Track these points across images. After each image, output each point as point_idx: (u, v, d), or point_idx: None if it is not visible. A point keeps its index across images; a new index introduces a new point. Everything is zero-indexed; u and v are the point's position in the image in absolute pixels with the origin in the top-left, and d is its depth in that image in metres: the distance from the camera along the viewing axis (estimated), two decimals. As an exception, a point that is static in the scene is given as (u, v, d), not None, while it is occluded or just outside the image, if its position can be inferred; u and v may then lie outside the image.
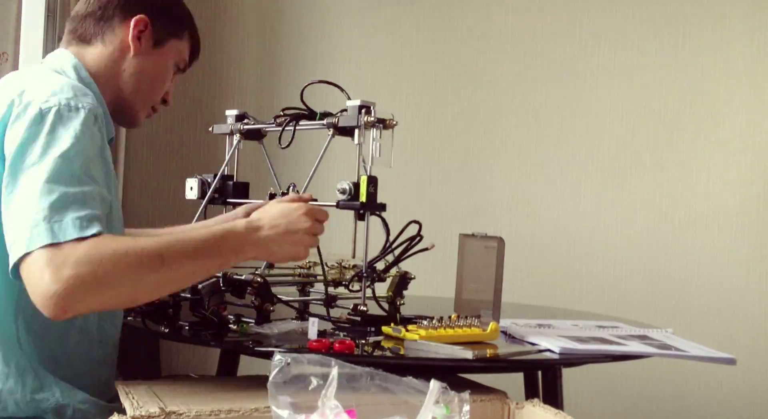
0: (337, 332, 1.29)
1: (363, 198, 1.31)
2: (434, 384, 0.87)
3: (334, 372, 0.88)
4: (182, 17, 1.40)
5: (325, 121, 1.38)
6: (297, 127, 1.44)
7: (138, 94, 1.35)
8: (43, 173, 1.05)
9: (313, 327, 1.21)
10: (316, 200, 1.32)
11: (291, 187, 1.42)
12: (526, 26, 2.66)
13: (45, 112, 1.11)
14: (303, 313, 1.49)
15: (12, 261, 1.03)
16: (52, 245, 1.00)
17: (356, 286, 1.41)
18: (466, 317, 1.26)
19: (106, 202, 1.11)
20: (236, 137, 1.54)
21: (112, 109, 1.33)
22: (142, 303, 1.22)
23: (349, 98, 1.39)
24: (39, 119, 1.10)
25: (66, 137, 1.09)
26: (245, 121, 1.55)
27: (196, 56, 1.46)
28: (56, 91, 1.15)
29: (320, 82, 1.43)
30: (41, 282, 0.99)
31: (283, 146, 1.41)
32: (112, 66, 1.32)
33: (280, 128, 1.48)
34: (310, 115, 1.42)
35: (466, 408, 0.88)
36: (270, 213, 1.21)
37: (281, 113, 1.46)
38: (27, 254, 1.01)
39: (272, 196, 1.45)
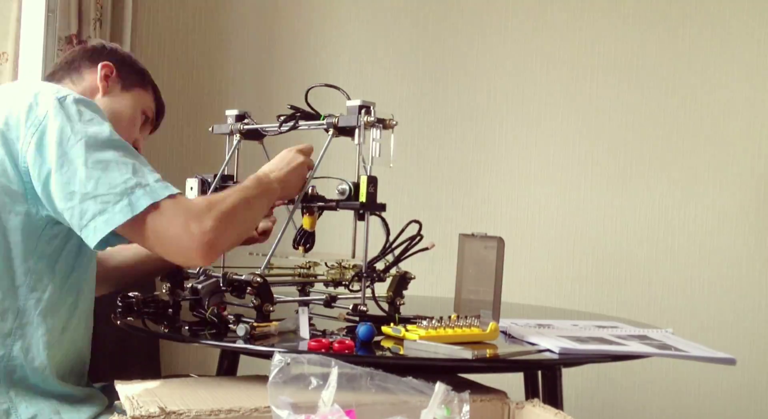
0: (336, 332, 1.29)
1: (363, 198, 1.31)
2: (439, 387, 0.87)
3: (334, 372, 0.88)
4: (144, 72, 1.48)
5: (325, 121, 1.38)
6: (297, 127, 1.44)
7: None
8: (106, 148, 1.14)
9: (303, 315, 1.21)
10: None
11: None
12: (526, 26, 2.66)
13: (62, 100, 1.18)
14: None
15: (118, 221, 1.10)
16: (172, 197, 1.14)
17: (356, 286, 1.41)
18: (466, 317, 1.25)
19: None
20: (236, 137, 1.54)
21: None
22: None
23: (348, 98, 1.39)
24: (61, 105, 1.17)
25: (98, 118, 1.18)
26: (245, 121, 1.55)
27: (161, 115, 1.54)
28: (62, 88, 1.22)
29: (325, 85, 1.43)
30: (190, 234, 1.12)
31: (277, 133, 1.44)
32: None
33: (280, 128, 1.48)
34: (314, 115, 1.42)
35: (466, 408, 0.88)
36: (269, 165, 1.38)
37: (288, 110, 1.46)
38: (153, 206, 1.12)
39: None
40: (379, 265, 1.39)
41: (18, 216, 1.17)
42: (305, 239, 1.44)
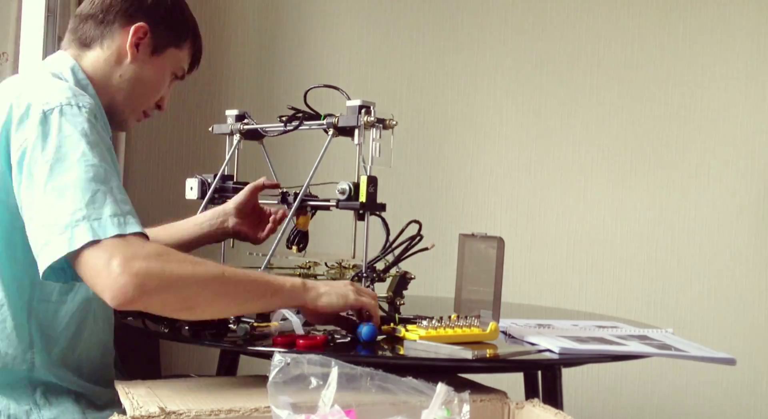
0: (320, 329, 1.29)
1: (363, 198, 1.31)
2: (441, 387, 0.87)
3: (334, 372, 0.88)
4: (184, 26, 1.40)
5: (325, 121, 1.38)
6: (297, 127, 1.44)
7: (130, 99, 1.35)
8: (69, 172, 1.07)
9: (293, 316, 1.20)
10: None
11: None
12: (525, 26, 2.66)
13: (48, 113, 1.12)
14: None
15: (58, 254, 1.03)
16: (119, 236, 1.03)
17: (356, 286, 1.40)
18: (466, 317, 1.25)
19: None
20: (236, 137, 1.54)
21: (105, 112, 1.33)
22: (191, 320, 1.22)
23: (348, 98, 1.39)
24: (44, 120, 1.11)
25: (76, 135, 1.10)
26: (245, 121, 1.55)
27: (197, 65, 1.46)
28: (55, 94, 1.15)
29: (324, 86, 1.43)
30: (109, 271, 1.01)
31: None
32: (109, 70, 1.32)
33: (281, 128, 1.48)
34: (315, 116, 1.42)
35: (466, 408, 0.88)
36: (323, 284, 1.21)
37: (287, 110, 1.46)
38: (93, 243, 1.02)
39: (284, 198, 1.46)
40: (379, 265, 1.39)
41: (19, 229, 1.14)
42: (299, 238, 1.44)
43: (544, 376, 1.35)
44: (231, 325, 1.26)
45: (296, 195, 1.42)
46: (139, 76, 1.34)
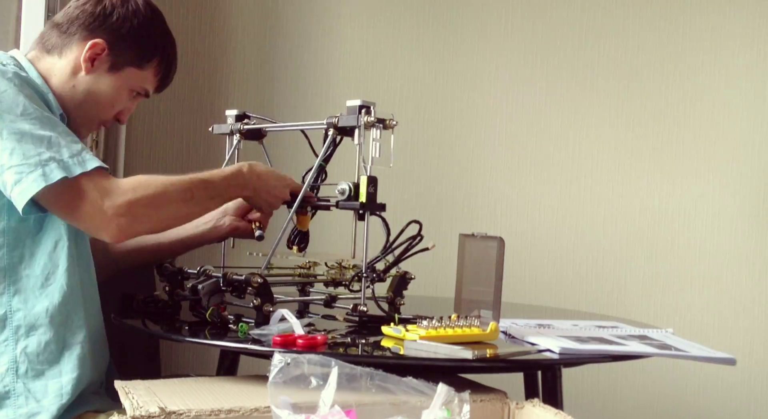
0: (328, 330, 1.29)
1: (363, 198, 1.31)
2: (441, 388, 0.87)
3: (334, 372, 0.88)
4: (150, 47, 1.40)
5: (325, 121, 1.38)
6: (297, 127, 1.45)
7: (81, 109, 1.37)
8: (19, 122, 1.16)
9: (291, 316, 1.20)
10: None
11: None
12: (526, 25, 2.66)
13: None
14: (303, 313, 1.50)
15: (33, 190, 1.13)
16: (85, 175, 1.16)
17: (356, 286, 1.41)
18: (466, 317, 1.25)
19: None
20: (236, 137, 1.54)
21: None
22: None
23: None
24: None
25: (12, 89, 1.20)
26: (245, 121, 1.56)
27: (166, 83, 1.46)
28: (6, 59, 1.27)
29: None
30: (97, 206, 1.16)
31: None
32: (63, 78, 1.35)
33: (280, 128, 1.48)
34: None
35: (466, 408, 0.88)
36: (266, 170, 1.40)
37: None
38: (65, 180, 1.14)
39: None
40: (379, 265, 1.39)
41: None
42: (299, 238, 1.44)
43: (544, 376, 1.35)
44: (231, 325, 1.26)
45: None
46: (93, 90, 1.36)
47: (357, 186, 1.32)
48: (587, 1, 2.64)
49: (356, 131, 1.34)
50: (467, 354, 1.10)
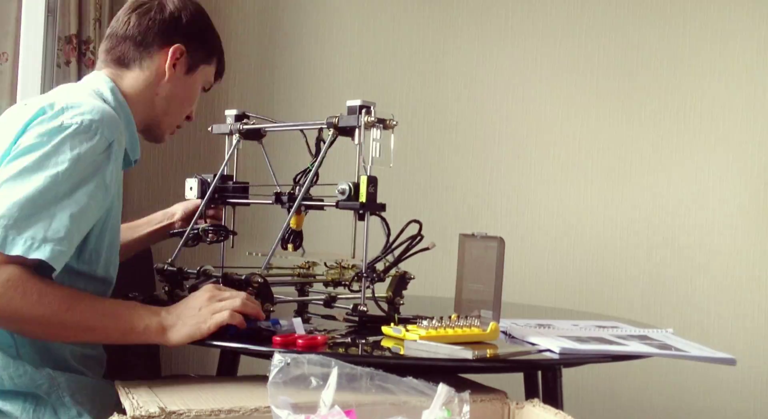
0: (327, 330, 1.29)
1: (363, 198, 1.30)
2: (442, 388, 0.87)
3: (334, 372, 0.88)
4: (213, 44, 1.46)
5: (325, 121, 1.38)
6: (297, 127, 1.45)
7: (167, 115, 1.42)
8: (32, 181, 1.11)
9: (295, 319, 1.20)
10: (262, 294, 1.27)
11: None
12: (526, 25, 2.66)
13: (66, 126, 1.16)
14: (301, 313, 1.49)
15: None
16: (18, 258, 1.08)
17: (356, 286, 1.40)
18: (466, 317, 1.25)
19: (81, 225, 1.16)
20: (236, 137, 1.54)
21: (142, 128, 1.40)
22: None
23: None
24: (58, 129, 1.16)
25: (69, 156, 1.14)
26: (245, 121, 1.56)
27: (221, 77, 1.52)
28: (86, 112, 1.19)
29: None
30: None
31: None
32: (147, 90, 1.38)
33: (280, 128, 1.48)
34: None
35: (466, 408, 0.88)
36: (177, 314, 1.18)
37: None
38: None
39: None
40: (379, 265, 1.39)
41: None
42: (293, 238, 1.44)
43: (544, 376, 1.34)
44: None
45: (290, 195, 1.42)
46: (175, 94, 1.39)
47: (357, 186, 1.32)
48: (588, 1, 2.64)
49: (356, 131, 1.34)
50: (467, 354, 1.10)
